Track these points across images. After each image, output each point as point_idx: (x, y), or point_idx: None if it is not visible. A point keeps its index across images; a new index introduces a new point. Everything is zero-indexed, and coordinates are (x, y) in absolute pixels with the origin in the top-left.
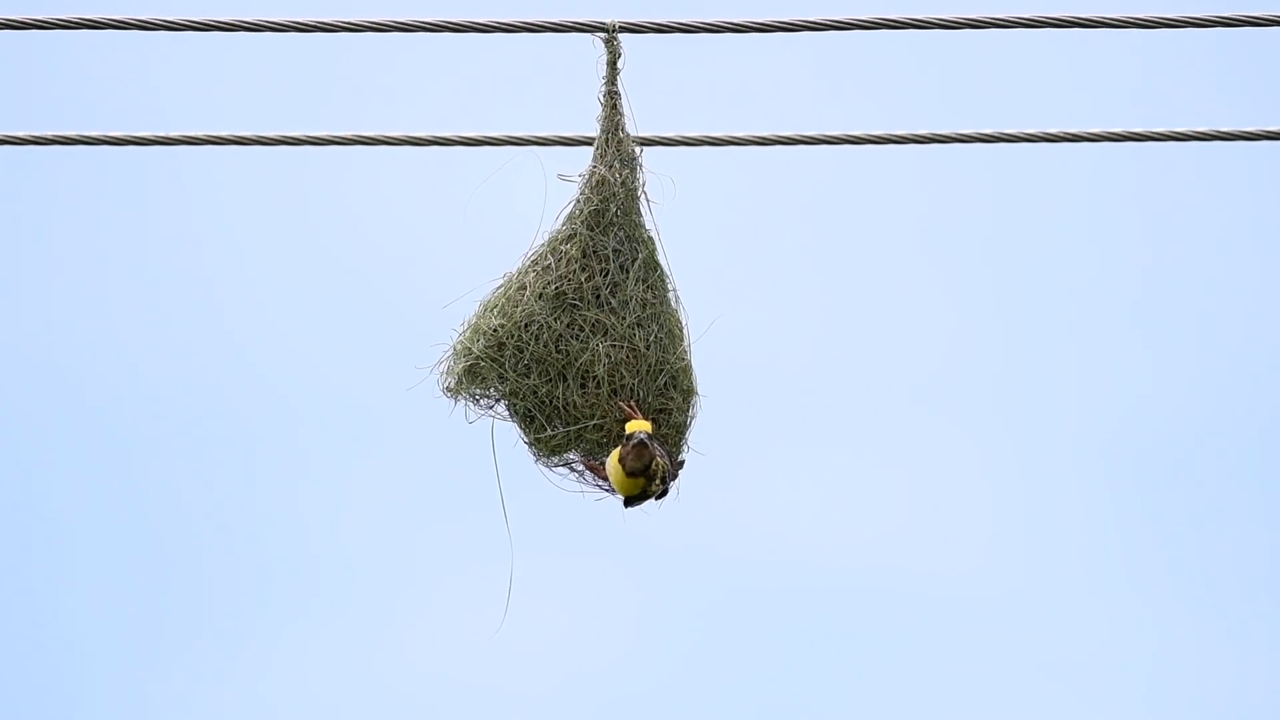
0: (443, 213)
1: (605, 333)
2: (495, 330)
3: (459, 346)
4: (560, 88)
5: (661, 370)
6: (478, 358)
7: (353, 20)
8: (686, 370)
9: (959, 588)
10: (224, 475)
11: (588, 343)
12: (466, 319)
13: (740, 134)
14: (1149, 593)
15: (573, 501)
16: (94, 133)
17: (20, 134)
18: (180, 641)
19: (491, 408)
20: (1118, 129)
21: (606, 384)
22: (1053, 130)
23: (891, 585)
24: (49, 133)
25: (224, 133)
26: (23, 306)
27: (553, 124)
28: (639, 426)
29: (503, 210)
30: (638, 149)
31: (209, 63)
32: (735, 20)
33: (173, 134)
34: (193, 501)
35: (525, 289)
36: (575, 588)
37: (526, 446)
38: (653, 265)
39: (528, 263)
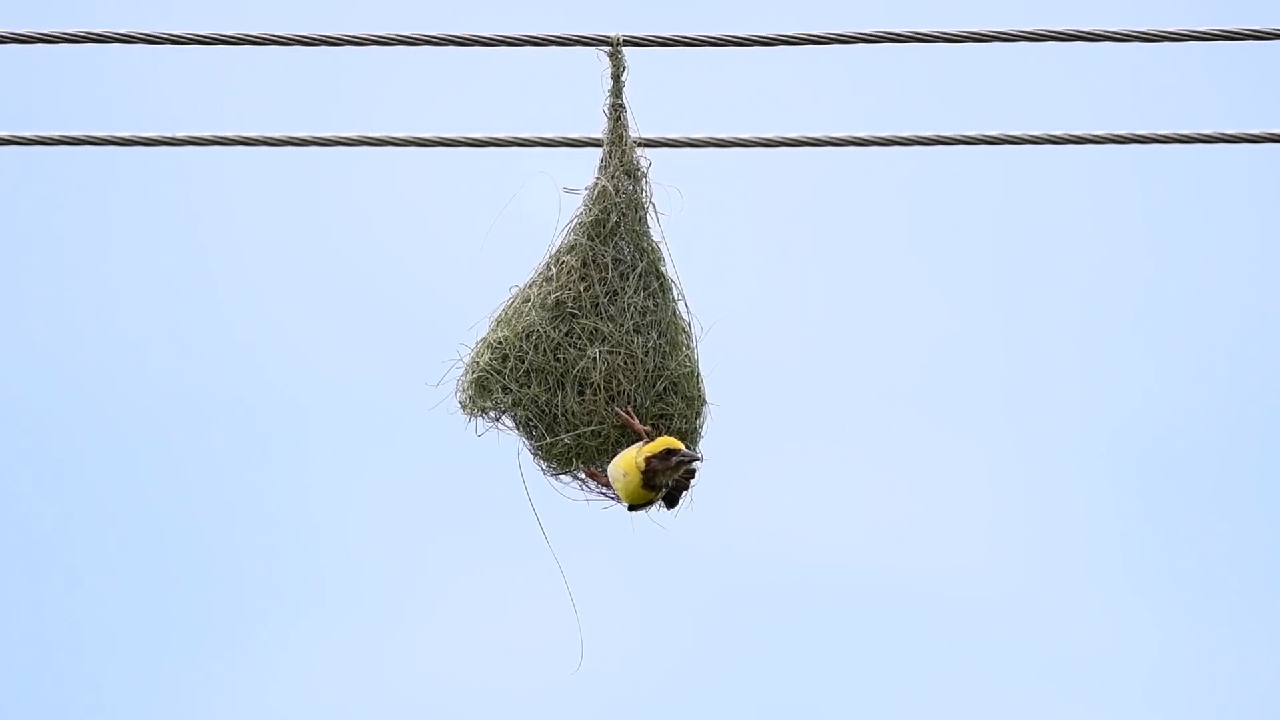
0: (452, 212)
1: (603, 340)
2: (500, 343)
3: (470, 362)
4: (567, 95)
5: (660, 376)
6: (483, 371)
7: (357, 34)
8: (690, 377)
9: (959, 588)
10: (233, 478)
11: (584, 350)
12: (479, 335)
13: (744, 135)
14: (1149, 592)
15: (571, 504)
16: (100, 133)
17: (26, 134)
18: (188, 644)
19: (498, 420)
20: (1119, 131)
21: (603, 390)
22: (1055, 132)
23: (891, 585)
24: (55, 133)
25: (229, 134)
26: (32, 308)
27: (558, 127)
28: (669, 444)
29: (516, 225)
30: (644, 161)
31: (216, 65)
32: (739, 34)
33: (179, 135)
34: (202, 505)
35: (529, 301)
36: (576, 589)
37: (532, 458)
38: (655, 274)
39: (535, 276)
